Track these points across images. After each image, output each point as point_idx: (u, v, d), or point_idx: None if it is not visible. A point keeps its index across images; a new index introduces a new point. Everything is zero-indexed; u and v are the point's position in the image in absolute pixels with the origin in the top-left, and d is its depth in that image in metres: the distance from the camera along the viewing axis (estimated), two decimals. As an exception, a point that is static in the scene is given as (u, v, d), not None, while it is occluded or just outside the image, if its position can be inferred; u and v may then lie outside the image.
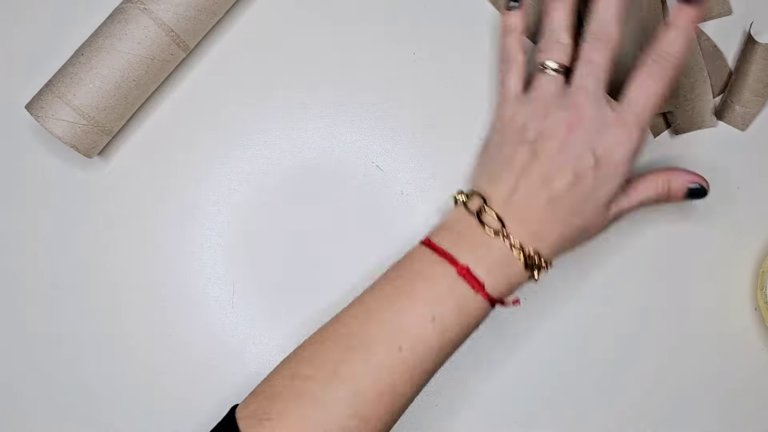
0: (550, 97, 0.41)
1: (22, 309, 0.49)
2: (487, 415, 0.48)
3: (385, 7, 0.50)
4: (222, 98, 0.50)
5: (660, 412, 0.48)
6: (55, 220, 0.49)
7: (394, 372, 0.37)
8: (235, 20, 0.50)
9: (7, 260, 0.49)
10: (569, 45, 0.42)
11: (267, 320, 0.48)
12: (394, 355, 0.37)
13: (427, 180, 0.49)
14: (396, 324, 0.38)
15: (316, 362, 0.37)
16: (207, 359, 0.48)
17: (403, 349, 0.37)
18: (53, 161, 0.49)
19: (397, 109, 0.50)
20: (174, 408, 0.47)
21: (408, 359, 0.37)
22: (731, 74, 0.49)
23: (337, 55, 0.50)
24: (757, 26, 0.50)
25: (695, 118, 0.48)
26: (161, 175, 0.49)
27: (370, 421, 0.36)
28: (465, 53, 0.50)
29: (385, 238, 0.49)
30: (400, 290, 0.39)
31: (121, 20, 0.45)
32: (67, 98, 0.44)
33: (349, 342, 0.37)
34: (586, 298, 0.48)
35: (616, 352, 0.48)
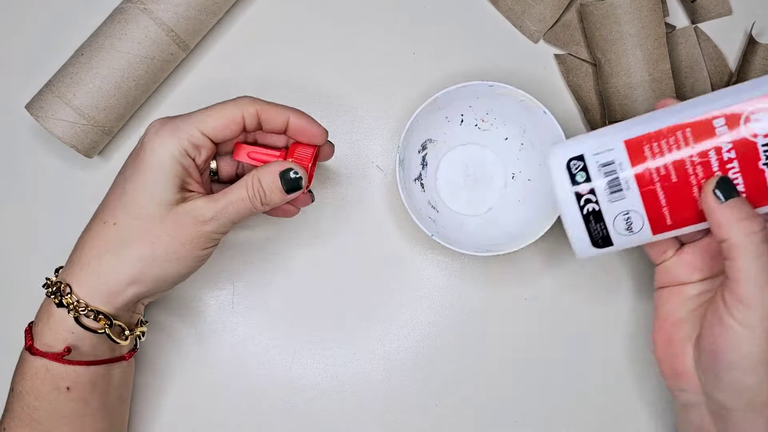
0: None
1: (21, 309, 0.49)
2: (488, 414, 0.48)
3: (385, 7, 0.50)
4: (222, 98, 0.50)
5: (661, 412, 0.48)
6: (55, 220, 0.49)
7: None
8: (235, 20, 0.50)
9: (7, 260, 0.49)
10: None
11: (267, 320, 0.48)
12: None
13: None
14: (5, 405, 0.38)
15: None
16: (207, 359, 0.48)
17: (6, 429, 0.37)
18: (53, 161, 0.49)
19: (397, 110, 0.50)
20: (175, 407, 0.47)
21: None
22: (731, 74, 0.49)
23: (337, 55, 0.50)
24: (757, 27, 0.50)
25: (695, 118, 0.48)
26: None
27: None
28: (465, 53, 0.50)
29: (386, 237, 0.49)
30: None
31: (121, 20, 0.45)
32: (67, 98, 0.44)
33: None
34: (588, 298, 0.49)
35: (617, 352, 0.48)
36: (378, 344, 0.48)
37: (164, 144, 0.36)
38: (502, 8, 0.50)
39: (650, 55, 0.46)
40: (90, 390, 0.38)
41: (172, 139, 0.36)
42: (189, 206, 0.36)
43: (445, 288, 0.48)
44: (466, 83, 0.43)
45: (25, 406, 0.36)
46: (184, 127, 0.36)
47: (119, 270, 0.36)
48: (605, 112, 0.48)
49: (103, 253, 0.36)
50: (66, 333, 0.36)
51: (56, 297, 0.36)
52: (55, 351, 0.36)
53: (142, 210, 0.36)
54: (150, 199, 0.36)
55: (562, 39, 0.50)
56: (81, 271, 0.36)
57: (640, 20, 0.46)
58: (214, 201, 0.37)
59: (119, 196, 0.36)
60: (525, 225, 0.45)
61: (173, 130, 0.36)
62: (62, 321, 0.36)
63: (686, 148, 0.34)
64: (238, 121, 0.37)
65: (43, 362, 0.36)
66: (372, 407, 0.47)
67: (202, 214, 0.36)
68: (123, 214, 0.36)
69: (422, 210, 0.46)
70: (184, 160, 0.36)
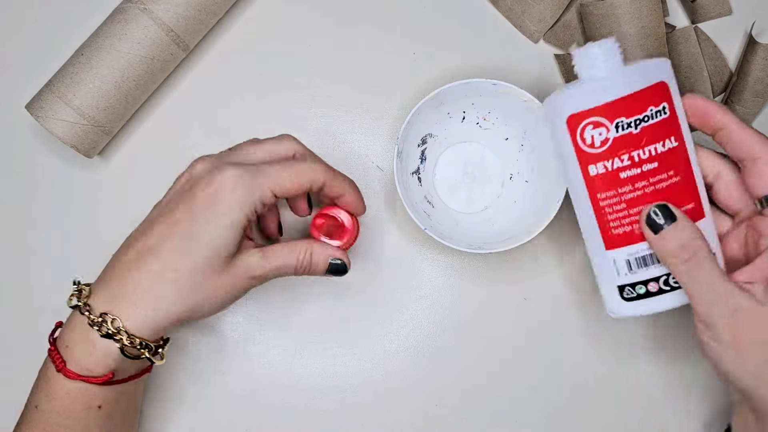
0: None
1: (21, 309, 0.49)
2: (488, 414, 0.48)
3: (385, 7, 0.50)
4: (222, 98, 0.50)
5: (660, 412, 0.48)
6: (55, 220, 0.49)
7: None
8: (235, 20, 0.50)
9: (7, 260, 0.49)
10: None
11: (267, 320, 0.48)
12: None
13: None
14: (21, 416, 0.39)
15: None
16: (207, 358, 0.48)
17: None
18: (53, 161, 0.49)
19: (397, 110, 0.50)
20: (175, 407, 0.47)
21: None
22: (731, 74, 0.49)
23: (337, 55, 0.50)
24: (757, 27, 0.50)
25: (695, 118, 0.48)
26: (161, 175, 0.49)
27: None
28: (465, 53, 0.50)
29: (386, 237, 0.49)
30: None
31: (121, 20, 0.45)
32: (67, 98, 0.44)
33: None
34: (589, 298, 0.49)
35: (617, 351, 0.48)
36: (378, 344, 0.48)
37: (241, 204, 0.36)
38: (502, 8, 0.50)
39: (650, 55, 0.46)
40: (116, 405, 0.39)
41: (248, 198, 0.36)
42: (244, 261, 0.38)
43: (445, 288, 0.48)
44: (469, 80, 0.43)
45: (53, 424, 0.37)
46: (261, 186, 0.37)
47: (171, 314, 0.37)
48: (605, 112, 0.48)
49: (159, 296, 0.36)
50: (108, 360, 0.37)
51: (101, 328, 0.36)
52: (95, 375, 0.37)
53: (206, 262, 0.36)
54: (216, 254, 0.36)
55: (562, 39, 0.50)
56: (133, 307, 0.36)
57: (640, 20, 0.46)
58: (266, 259, 0.39)
59: (186, 244, 0.36)
60: (520, 225, 0.45)
61: (251, 189, 0.36)
62: (106, 349, 0.36)
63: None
64: (306, 188, 0.39)
65: (79, 384, 0.37)
66: (372, 407, 0.47)
67: (254, 270, 0.38)
68: (188, 262, 0.36)
69: (418, 204, 0.46)
70: (252, 217, 0.37)
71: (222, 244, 0.36)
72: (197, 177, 0.38)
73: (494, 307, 0.48)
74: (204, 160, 0.39)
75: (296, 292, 0.48)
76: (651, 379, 0.48)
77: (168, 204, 0.38)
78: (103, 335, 0.36)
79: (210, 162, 0.38)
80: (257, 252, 0.39)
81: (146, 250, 0.37)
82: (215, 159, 0.39)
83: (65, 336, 0.38)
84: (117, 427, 0.40)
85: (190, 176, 0.39)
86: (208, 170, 0.38)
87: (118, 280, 0.37)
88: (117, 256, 0.39)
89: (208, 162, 0.38)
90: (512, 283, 0.48)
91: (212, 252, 0.36)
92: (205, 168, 0.38)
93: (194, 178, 0.38)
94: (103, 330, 0.36)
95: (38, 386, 0.38)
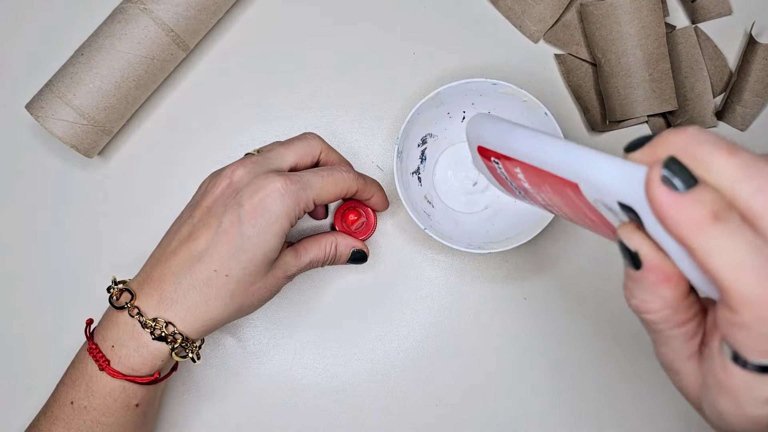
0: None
1: (21, 308, 0.49)
2: (488, 414, 0.48)
3: (385, 7, 0.50)
4: (222, 98, 0.50)
5: (660, 411, 0.48)
6: (55, 219, 0.49)
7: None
8: (235, 20, 0.50)
9: (7, 259, 0.49)
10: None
11: (267, 320, 0.48)
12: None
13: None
14: (49, 410, 0.39)
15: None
16: (206, 359, 0.48)
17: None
18: (53, 161, 0.49)
19: (397, 110, 0.50)
20: (174, 407, 0.47)
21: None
22: (731, 74, 0.49)
23: (337, 56, 0.50)
24: (757, 27, 0.50)
25: (695, 118, 0.48)
26: (161, 175, 0.49)
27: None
28: (465, 53, 0.50)
29: (386, 237, 0.49)
30: (61, 380, 0.40)
31: (121, 20, 0.45)
32: (67, 98, 0.44)
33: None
34: (590, 299, 0.49)
35: (617, 351, 0.48)
36: (378, 344, 0.48)
37: (288, 214, 0.38)
38: (502, 8, 0.50)
39: (650, 55, 0.46)
40: (150, 403, 0.40)
41: (294, 207, 0.38)
42: (282, 262, 0.40)
43: (445, 288, 0.48)
44: (469, 80, 0.43)
45: (92, 422, 0.38)
46: (305, 196, 0.39)
47: (222, 316, 0.39)
48: (605, 112, 0.48)
49: (212, 300, 0.38)
50: (157, 360, 0.38)
51: (153, 330, 0.37)
52: (141, 375, 0.38)
53: (255, 267, 0.38)
54: (265, 259, 0.38)
55: (562, 39, 0.49)
56: (185, 312, 0.38)
57: (640, 20, 0.46)
58: (299, 258, 0.41)
59: (237, 251, 0.37)
60: (520, 225, 0.45)
61: (296, 199, 0.38)
62: (157, 350, 0.37)
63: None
64: (343, 195, 0.41)
65: (122, 383, 0.37)
66: (372, 407, 0.47)
67: (290, 270, 0.41)
68: (238, 268, 0.38)
69: (418, 204, 0.46)
70: (294, 222, 0.39)
71: (269, 250, 0.38)
72: (241, 184, 0.39)
73: (494, 307, 0.48)
74: (244, 166, 0.39)
75: (296, 293, 0.48)
76: (651, 379, 0.48)
77: (211, 209, 0.39)
78: (156, 338, 0.37)
79: (251, 168, 0.39)
80: (291, 251, 0.41)
81: (195, 255, 0.38)
82: (255, 165, 0.39)
83: (109, 335, 0.38)
84: (147, 423, 0.41)
85: (231, 182, 0.39)
86: (252, 177, 0.38)
87: (170, 284, 0.38)
88: (161, 258, 0.39)
89: (249, 168, 0.39)
90: (512, 283, 0.48)
91: (261, 259, 0.38)
92: (247, 175, 0.39)
93: (237, 184, 0.39)
94: (156, 333, 0.37)
95: (74, 383, 0.38)
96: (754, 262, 0.20)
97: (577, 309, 0.48)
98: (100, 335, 0.38)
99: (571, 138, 0.49)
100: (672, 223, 0.21)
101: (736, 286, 0.20)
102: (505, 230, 0.46)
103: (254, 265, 0.38)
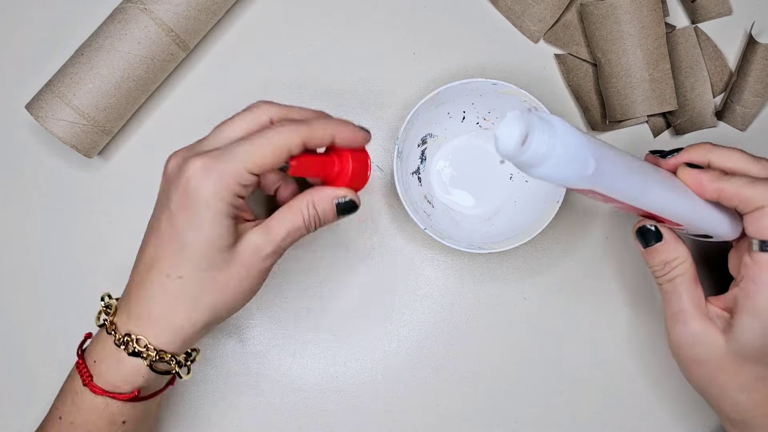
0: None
1: (21, 308, 0.49)
2: (488, 414, 0.48)
3: (385, 6, 0.50)
4: (222, 98, 0.50)
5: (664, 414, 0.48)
6: (55, 219, 0.49)
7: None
8: (235, 20, 0.50)
9: (7, 259, 0.49)
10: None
11: (267, 320, 0.48)
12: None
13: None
14: (43, 424, 0.39)
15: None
16: (206, 359, 0.48)
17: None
18: (53, 161, 0.49)
19: (397, 110, 0.50)
20: (175, 407, 0.47)
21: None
22: (731, 74, 0.49)
23: (337, 56, 0.50)
24: (757, 27, 0.50)
25: (695, 118, 0.48)
26: (161, 175, 0.49)
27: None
28: (465, 53, 0.50)
29: (386, 237, 0.49)
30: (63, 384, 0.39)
31: (121, 20, 0.45)
32: (67, 98, 0.44)
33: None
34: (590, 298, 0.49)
35: (617, 351, 0.48)
36: (378, 344, 0.48)
37: (216, 194, 0.34)
38: (502, 8, 0.50)
39: (650, 55, 0.46)
40: (140, 420, 0.39)
41: (221, 186, 0.34)
42: (248, 244, 0.36)
43: (445, 287, 0.48)
44: (469, 79, 0.43)
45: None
46: (231, 169, 0.34)
47: (194, 321, 0.36)
48: (605, 112, 0.48)
49: (175, 307, 0.35)
50: (137, 376, 0.36)
51: (127, 346, 0.36)
52: (123, 392, 0.36)
53: (206, 260, 0.35)
54: (212, 249, 0.35)
55: (562, 39, 0.49)
56: (154, 325, 0.36)
57: (640, 20, 0.46)
58: (270, 233, 0.36)
59: (179, 249, 0.35)
60: (520, 225, 0.45)
61: (221, 176, 0.34)
62: (134, 366, 0.36)
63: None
64: (284, 155, 0.35)
65: (104, 399, 0.36)
66: (372, 407, 0.47)
67: (263, 249, 0.36)
68: (188, 267, 0.35)
69: (417, 203, 0.46)
70: (236, 202, 0.35)
71: (213, 238, 0.34)
72: (170, 177, 0.36)
73: (494, 306, 0.48)
74: (175, 156, 0.36)
75: (296, 293, 0.48)
76: (652, 379, 0.48)
77: (154, 213, 0.37)
78: (130, 353, 0.36)
79: (180, 157, 0.36)
80: (258, 230, 0.36)
81: (148, 265, 0.36)
82: (185, 152, 0.36)
83: (94, 351, 0.37)
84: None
85: (165, 177, 0.36)
86: (178, 167, 0.35)
87: (135, 299, 0.36)
88: (132, 272, 0.38)
89: (179, 157, 0.36)
90: (512, 283, 0.48)
91: (206, 250, 0.35)
92: (175, 165, 0.36)
93: (168, 178, 0.36)
94: (129, 348, 0.35)
95: (63, 397, 0.38)
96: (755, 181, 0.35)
97: (577, 309, 0.48)
98: (88, 350, 0.38)
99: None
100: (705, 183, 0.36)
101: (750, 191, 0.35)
102: (505, 230, 0.46)
103: (203, 258, 0.35)
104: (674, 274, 0.38)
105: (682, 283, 0.38)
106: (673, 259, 0.38)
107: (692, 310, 0.38)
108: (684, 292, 0.38)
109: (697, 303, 0.38)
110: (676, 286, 0.38)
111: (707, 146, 0.38)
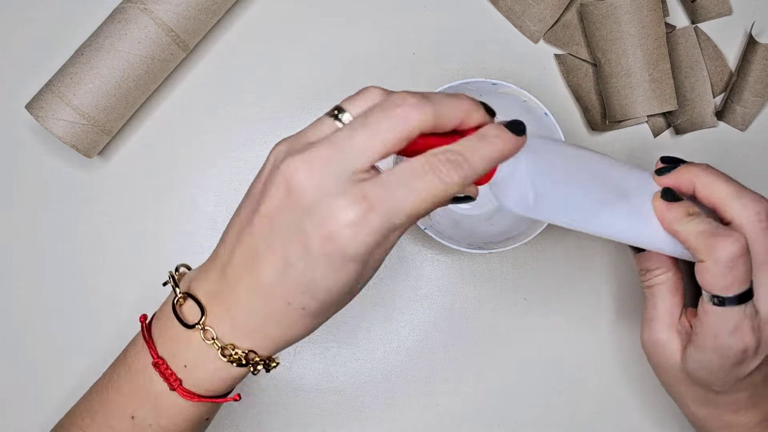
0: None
1: (21, 308, 0.49)
2: (488, 414, 0.48)
3: (385, 6, 0.50)
4: (222, 98, 0.50)
5: (664, 414, 0.48)
6: (55, 219, 0.49)
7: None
8: (235, 20, 0.50)
9: (7, 259, 0.49)
10: None
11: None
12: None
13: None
14: (103, 419, 0.36)
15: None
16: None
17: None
18: (53, 161, 0.49)
19: (397, 109, 0.50)
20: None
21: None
22: (731, 74, 0.49)
23: (337, 55, 0.50)
24: (757, 27, 0.50)
25: (695, 118, 0.48)
26: (161, 175, 0.49)
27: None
28: (465, 53, 0.50)
29: (385, 238, 0.49)
30: (112, 380, 0.37)
31: (121, 20, 0.45)
32: (67, 98, 0.44)
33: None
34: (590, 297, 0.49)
35: (617, 352, 0.48)
36: (378, 344, 0.48)
37: (365, 254, 0.30)
38: (502, 8, 0.50)
39: (650, 55, 0.46)
40: (217, 410, 0.38)
41: (374, 243, 0.30)
42: (370, 260, 0.32)
43: (445, 288, 0.48)
44: (469, 79, 0.43)
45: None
46: (389, 223, 0.30)
47: (303, 334, 0.34)
48: (605, 112, 0.48)
49: (290, 327, 0.33)
50: (236, 380, 0.35)
51: (230, 357, 0.33)
52: (218, 395, 0.35)
53: (335, 299, 0.32)
54: (343, 292, 0.32)
55: (562, 39, 0.49)
56: (264, 339, 0.33)
57: (640, 20, 0.46)
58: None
59: (306, 290, 0.31)
60: (520, 226, 0.45)
61: (376, 231, 0.30)
62: (237, 372, 0.34)
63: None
64: (410, 137, 0.32)
65: (196, 402, 0.35)
66: (372, 407, 0.47)
67: (378, 255, 0.32)
68: (314, 304, 0.32)
69: None
70: (384, 254, 0.33)
71: (346, 286, 0.32)
72: (303, 197, 0.30)
73: (494, 306, 0.48)
74: (307, 163, 0.30)
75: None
76: (652, 379, 0.48)
77: (273, 225, 0.31)
78: (238, 365, 0.34)
79: (319, 170, 0.30)
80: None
81: (264, 288, 0.32)
82: (323, 165, 0.30)
83: (180, 353, 0.34)
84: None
85: (289, 189, 0.30)
86: (318, 188, 0.30)
87: (240, 314, 0.33)
88: (226, 269, 0.33)
89: (317, 170, 0.30)
90: (512, 283, 0.48)
91: (338, 294, 0.32)
92: (310, 181, 0.30)
93: (297, 195, 0.30)
94: (235, 357, 0.33)
95: (135, 395, 0.35)
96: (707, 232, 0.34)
97: (577, 309, 0.48)
98: (166, 349, 0.34)
99: (570, 138, 0.49)
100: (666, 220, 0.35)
101: (696, 242, 0.34)
102: (505, 230, 0.46)
103: (331, 297, 0.32)
104: (654, 282, 0.38)
105: (660, 292, 0.38)
106: (654, 269, 0.38)
107: (663, 318, 0.38)
108: (660, 301, 0.38)
109: (669, 312, 0.38)
110: (654, 293, 0.38)
111: (699, 170, 0.36)
